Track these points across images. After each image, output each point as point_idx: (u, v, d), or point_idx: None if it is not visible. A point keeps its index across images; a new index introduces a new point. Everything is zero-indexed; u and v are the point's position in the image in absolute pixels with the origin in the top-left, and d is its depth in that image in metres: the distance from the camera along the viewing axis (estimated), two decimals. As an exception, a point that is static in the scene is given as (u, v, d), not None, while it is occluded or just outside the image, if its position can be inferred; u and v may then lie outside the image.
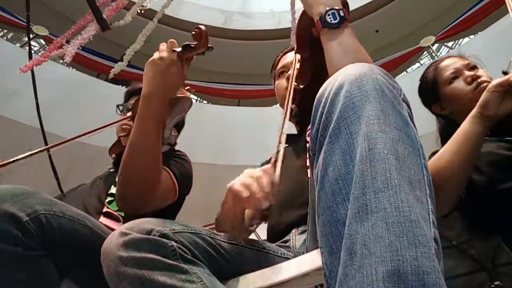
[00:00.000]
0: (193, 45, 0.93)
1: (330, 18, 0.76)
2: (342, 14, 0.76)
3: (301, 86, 0.94)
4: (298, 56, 0.95)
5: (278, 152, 0.74)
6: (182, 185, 1.08)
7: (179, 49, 0.94)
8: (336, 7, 0.77)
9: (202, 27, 0.92)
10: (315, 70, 0.92)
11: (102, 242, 0.64)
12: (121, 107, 1.32)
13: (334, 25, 0.75)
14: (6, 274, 0.67)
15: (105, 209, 1.05)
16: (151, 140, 0.90)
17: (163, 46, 0.96)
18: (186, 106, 1.03)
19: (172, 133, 1.25)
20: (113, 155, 1.23)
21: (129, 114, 1.26)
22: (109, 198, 1.08)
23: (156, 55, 0.95)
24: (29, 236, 0.68)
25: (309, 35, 0.83)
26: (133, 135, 0.91)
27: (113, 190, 1.09)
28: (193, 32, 0.92)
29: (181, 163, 1.12)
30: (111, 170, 1.23)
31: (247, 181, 0.70)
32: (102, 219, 1.02)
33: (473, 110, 0.90)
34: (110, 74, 5.19)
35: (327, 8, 0.77)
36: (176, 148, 1.29)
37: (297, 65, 0.95)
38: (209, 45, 0.93)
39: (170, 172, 1.04)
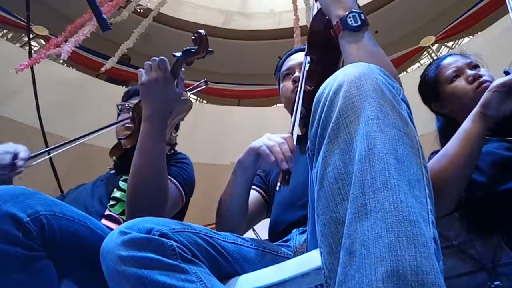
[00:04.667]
0: (193, 50, 0.92)
1: (351, 20, 0.75)
2: (363, 17, 0.76)
3: (310, 88, 0.94)
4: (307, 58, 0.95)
5: (294, 123, 0.82)
6: (187, 191, 1.10)
7: (179, 54, 0.93)
8: (357, 10, 0.76)
9: (202, 31, 0.92)
10: (323, 72, 0.92)
11: (102, 242, 0.64)
12: (120, 107, 1.31)
13: (355, 28, 0.75)
14: (6, 275, 0.67)
15: (107, 212, 1.05)
16: (156, 159, 0.92)
17: (154, 63, 0.94)
18: (186, 108, 1.06)
19: (172, 134, 1.26)
20: (114, 158, 1.22)
21: (125, 115, 1.25)
22: (111, 202, 1.08)
23: (150, 74, 0.94)
24: (30, 236, 0.68)
25: (321, 38, 0.83)
26: (138, 156, 0.93)
27: (115, 193, 1.09)
28: (193, 37, 0.92)
29: (184, 169, 1.13)
30: (112, 171, 1.22)
31: (271, 143, 0.78)
32: (104, 221, 1.02)
33: (474, 110, 0.90)
34: (102, 69, 5.19)
35: (349, 11, 0.76)
36: (176, 148, 1.29)
37: (306, 67, 0.95)
38: (209, 49, 0.93)
39: (176, 182, 1.05)
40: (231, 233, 0.98)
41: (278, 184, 0.73)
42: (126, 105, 1.30)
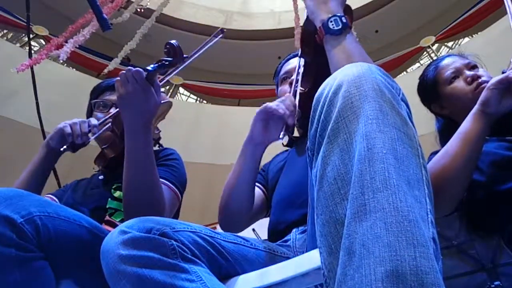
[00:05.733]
0: (167, 62, 0.90)
1: (332, 24, 0.78)
2: (344, 20, 0.78)
3: (304, 90, 0.94)
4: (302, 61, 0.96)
5: (296, 82, 0.91)
6: (182, 190, 1.10)
7: (151, 68, 0.90)
8: (338, 14, 0.79)
9: (174, 42, 0.90)
10: (318, 73, 0.93)
11: (99, 241, 0.64)
12: (93, 104, 1.26)
13: (337, 32, 0.77)
14: (0, 276, 0.66)
15: (106, 218, 1.04)
16: (147, 172, 0.91)
17: (129, 73, 0.89)
18: (166, 109, 1.08)
19: (155, 131, 1.24)
20: (100, 166, 1.21)
21: (99, 114, 1.22)
22: (109, 211, 1.07)
23: (126, 87, 0.89)
24: (24, 238, 0.68)
25: (314, 40, 0.84)
26: (128, 171, 0.91)
27: (111, 203, 1.07)
28: (165, 50, 0.90)
29: (174, 167, 1.11)
30: (100, 177, 1.19)
31: (274, 103, 0.86)
32: (104, 226, 1.01)
33: (474, 108, 0.90)
34: (105, 70, 5.20)
35: (330, 15, 0.78)
36: (176, 148, 1.29)
37: (301, 70, 0.96)
38: (184, 56, 0.91)
39: (169, 184, 1.04)
40: (235, 222, 0.99)
41: (281, 134, 0.80)
42: (100, 101, 1.24)
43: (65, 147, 1.06)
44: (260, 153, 0.95)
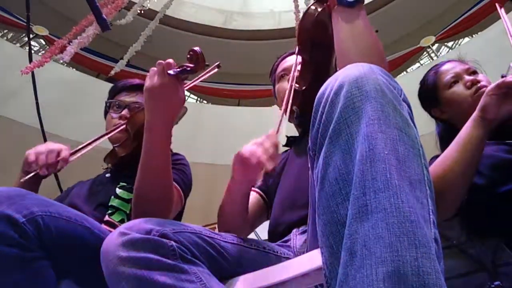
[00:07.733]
0: (189, 69, 0.86)
1: None
2: None
3: (302, 88, 0.94)
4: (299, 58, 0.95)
5: (283, 115, 0.80)
6: (187, 194, 1.10)
7: (172, 72, 0.86)
8: None
9: (197, 49, 0.86)
10: (315, 72, 0.92)
11: (100, 242, 0.64)
12: (108, 104, 1.24)
13: (351, 4, 0.74)
14: (2, 276, 0.67)
15: (106, 218, 1.04)
16: (163, 171, 0.88)
17: (160, 67, 0.86)
18: (182, 114, 1.05)
19: None
20: (109, 164, 1.21)
21: (114, 114, 1.21)
22: (109, 210, 1.06)
23: (154, 79, 0.86)
24: (26, 237, 0.68)
25: (311, 38, 0.83)
26: (144, 170, 0.88)
27: (113, 201, 1.07)
28: (188, 56, 0.87)
29: (183, 172, 1.12)
30: (107, 175, 1.19)
31: (253, 148, 0.78)
32: (104, 227, 1.01)
33: (474, 114, 0.91)
34: (111, 72, 5.20)
35: None
36: (176, 148, 1.29)
37: (298, 67, 0.95)
38: (206, 63, 0.87)
39: (177, 187, 1.04)
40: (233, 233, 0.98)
41: (258, 181, 0.70)
42: (116, 102, 1.22)
43: (26, 177, 0.95)
44: (246, 187, 0.90)
